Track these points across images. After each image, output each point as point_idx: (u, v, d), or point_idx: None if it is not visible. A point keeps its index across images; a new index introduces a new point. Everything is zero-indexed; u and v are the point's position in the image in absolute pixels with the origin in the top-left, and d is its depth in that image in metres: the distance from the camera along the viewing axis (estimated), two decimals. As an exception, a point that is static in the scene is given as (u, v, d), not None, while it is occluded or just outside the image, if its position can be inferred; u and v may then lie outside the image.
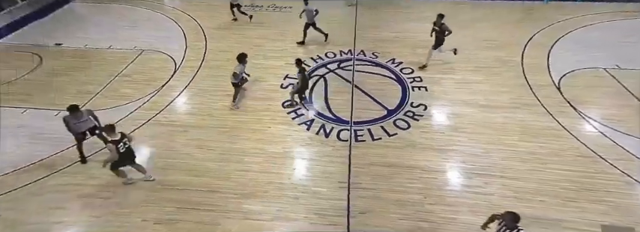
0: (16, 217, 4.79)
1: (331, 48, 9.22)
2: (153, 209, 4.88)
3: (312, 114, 6.89)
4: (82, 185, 5.28)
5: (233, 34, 10.03)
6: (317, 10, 8.94)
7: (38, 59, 8.68)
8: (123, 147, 4.80)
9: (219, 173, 5.51)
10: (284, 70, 8.22)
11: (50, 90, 7.49)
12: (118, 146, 4.73)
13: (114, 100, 7.26)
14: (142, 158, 5.87)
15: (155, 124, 6.63)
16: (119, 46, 9.27)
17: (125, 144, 4.87)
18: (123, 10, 11.47)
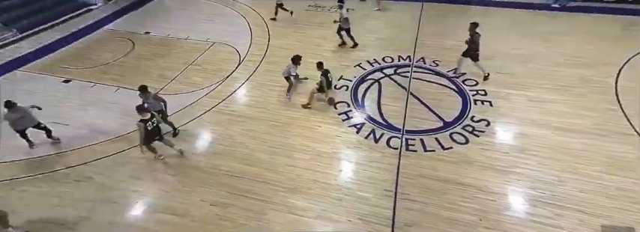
0: (105, 181, 5.51)
1: (389, 52, 8.92)
2: (210, 191, 5.28)
3: (361, 118, 6.78)
4: (154, 162, 5.88)
5: (294, 33, 10.24)
6: (348, 17, 8.82)
7: (131, 45, 9.68)
8: (151, 126, 5.35)
9: (269, 165, 5.75)
10: (340, 71, 8.20)
11: (138, 73, 8.35)
12: (147, 124, 5.28)
13: (186, 86, 7.91)
14: (203, 142, 6.39)
15: (217, 112, 7.09)
16: (195, 37, 9.98)
17: (153, 123, 5.40)
18: (202, 5, 12.27)
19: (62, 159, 5.88)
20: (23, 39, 9.62)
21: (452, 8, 11.40)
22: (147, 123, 5.28)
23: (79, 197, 5.21)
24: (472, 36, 7.14)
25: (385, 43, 9.42)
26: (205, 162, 5.85)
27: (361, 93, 7.47)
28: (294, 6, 11.40)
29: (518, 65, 8.14)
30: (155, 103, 6.02)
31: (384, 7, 11.53)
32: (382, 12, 11.31)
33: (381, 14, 11.14)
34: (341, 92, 7.50)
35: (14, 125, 5.79)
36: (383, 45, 9.29)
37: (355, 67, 8.33)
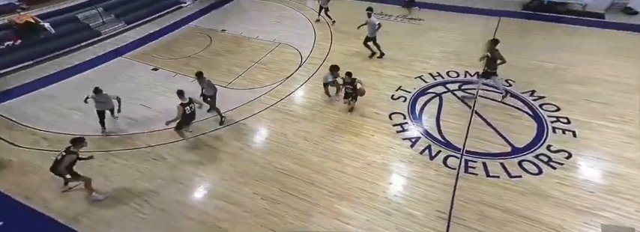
0: (175, 163, 6.03)
1: (455, 67, 8.33)
2: (262, 186, 5.48)
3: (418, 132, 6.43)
4: (217, 150, 6.28)
5: (356, 39, 10.06)
6: (380, 23, 8.34)
7: (209, 40, 10.35)
8: (189, 110, 5.62)
9: (319, 168, 5.77)
10: (398, 81, 7.90)
11: (212, 66, 8.94)
12: (186, 108, 5.55)
13: (249, 83, 8.28)
14: (260, 137, 6.61)
15: (275, 110, 7.30)
16: (263, 37, 10.39)
17: (191, 108, 5.63)
18: (274, 7, 12.67)
19: (146, 138, 6.52)
20: (128, 30, 10.80)
21: (534, 25, 10.29)
22: (185, 107, 5.67)
23: (155, 174, 5.73)
24: (492, 53, 6.55)
25: (451, 56, 8.82)
26: (261, 157, 6.06)
27: (419, 106, 7.09)
28: (360, 13, 11.15)
29: (615, 94, 7.07)
30: (208, 89, 6.51)
31: (416, 16, 11.10)
32: (453, 24, 10.61)
33: (450, 26, 10.49)
34: (398, 103, 7.22)
35: (97, 106, 6.37)
36: (449, 58, 8.71)
37: (416, 79, 7.94)
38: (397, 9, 11.83)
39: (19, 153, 6.10)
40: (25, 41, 9.13)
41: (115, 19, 11.03)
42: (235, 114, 7.17)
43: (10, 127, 6.75)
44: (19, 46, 9.02)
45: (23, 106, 7.39)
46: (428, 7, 11.82)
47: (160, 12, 11.82)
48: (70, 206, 5.11)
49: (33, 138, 6.46)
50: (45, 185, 5.44)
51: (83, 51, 9.70)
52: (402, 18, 11.15)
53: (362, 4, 12.26)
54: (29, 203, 5.12)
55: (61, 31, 9.80)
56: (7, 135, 6.51)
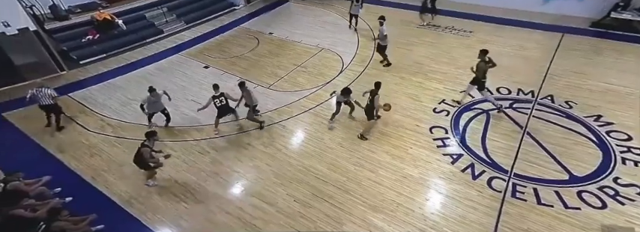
0: (217, 157, 6.34)
1: (506, 83, 7.74)
2: (296, 188, 5.55)
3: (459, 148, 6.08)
4: (255, 149, 6.47)
5: (399, 48, 9.82)
6: (387, 34, 8.26)
7: (257, 42, 10.72)
8: (219, 103, 5.87)
9: (353, 176, 5.70)
10: (441, 94, 7.55)
11: (257, 67, 9.24)
12: (215, 100, 5.82)
13: (291, 85, 8.44)
14: (297, 140, 6.68)
15: (313, 114, 7.36)
16: (307, 41, 10.54)
17: (221, 101, 5.85)
18: (321, 13, 12.78)
19: (194, 132, 6.92)
20: (186, 29, 11.56)
21: (605, 44, 9.23)
22: (215, 100, 6.05)
23: (199, 167, 6.07)
24: (478, 64, 6.49)
25: (503, 72, 8.14)
26: (297, 159, 6.14)
27: (464, 122, 6.71)
28: (408, 22, 10.93)
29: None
30: (248, 99, 6.56)
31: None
32: (505, 38, 9.91)
33: (501, 40, 9.80)
34: (440, 117, 6.91)
35: (149, 108, 6.55)
36: (499, 74, 8.07)
37: (461, 93, 7.51)
38: (445, 19, 11.31)
39: (89, 137, 6.82)
40: (102, 36, 10.18)
41: (176, 18, 11.89)
42: (275, 115, 7.36)
43: (83, 112, 7.57)
44: (96, 41, 10.08)
45: (96, 94, 8.24)
46: (476, 19, 11.18)
47: (215, 13, 12.53)
48: (127, 190, 5.59)
49: (100, 124, 7.18)
50: (108, 168, 6.02)
51: (147, 47, 10.57)
52: (449, 29, 10.67)
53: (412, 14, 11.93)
54: (94, 183, 5.70)
55: (131, 28, 10.78)
56: (82, 120, 7.30)
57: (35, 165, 5.91)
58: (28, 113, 7.44)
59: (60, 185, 5.45)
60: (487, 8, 11.66)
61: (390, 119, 6.97)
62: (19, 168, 5.29)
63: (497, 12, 11.38)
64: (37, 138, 6.72)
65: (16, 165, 5.54)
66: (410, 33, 10.62)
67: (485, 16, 11.29)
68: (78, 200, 5.30)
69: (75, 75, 9.02)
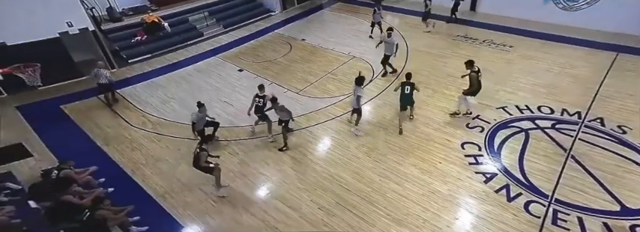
0: (245, 159, 6.48)
1: (549, 102, 7.27)
2: (321, 196, 5.55)
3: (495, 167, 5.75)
4: (282, 153, 6.53)
5: (432, 59, 9.58)
6: (398, 44, 8.25)
7: (289, 48, 10.93)
8: (258, 102, 6.31)
9: (378, 187, 5.60)
10: (475, 109, 7.21)
11: (288, 72, 9.41)
12: (256, 99, 6.28)
13: (320, 92, 8.50)
14: (323, 146, 6.70)
15: (340, 122, 7.34)
16: (339, 49, 10.60)
17: (260, 102, 6.30)
18: (354, 22, 12.83)
19: (225, 133, 7.16)
20: (224, 33, 12.07)
21: None
22: (257, 98, 6.37)
23: (227, 167, 6.27)
24: (469, 74, 6.45)
25: (545, 90, 7.75)
26: (322, 166, 6.15)
27: (499, 140, 6.39)
28: (444, 34, 10.65)
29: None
30: (281, 113, 6.29)
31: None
32: (550, 55, 9.34)
33: (545, 57, 9.25)
34: (473, 133, 6.63)
35: (199, 123, 6.26)
36: (541, 92, 7.66)
37: (498, 109, 7.19)
38: (483, 32, 10.90)
39: (131, 131, 7.28)
40: (149, 37, 10.88)
41: (216, 22, 12.45)
42: (303, 120, 7.43)
43: (127, 108, 8.10)
44: (144, 41, 10.80)
45: (140, 92, 8.81)
46: (517, 33, 10.66)
47: (252, 19, 12.98)
48: (162, 184, 5.89)
49: (142, 120, 7.65)
50: (145, 162, 6.38)
51: (188, 49, 11.15)
52: (488, 42, 10.25)
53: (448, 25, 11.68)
54: (133, 175, 6.06)
55: (175, 30, 11.44)
56: (126, 115, 7.82)
57: (84, 154, 6.39)
58: (83, 106, 8.13)
59: (104, 176, 5.85)
60: (529, 22, 11.11)
61: (419, 131, 6.79)
62: (71, 156, 5.75)
63: (542, 27, 10.79)
64: (87, 129, 7.30)
65: (68, 154, 6.04)
66: (444, 45, 10.36)
67: (527, 30, 10.76)
68: (118, 190, 5.66)
69: (123, 73, 9.71)
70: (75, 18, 8.67)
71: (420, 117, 7.20)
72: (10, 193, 4.87)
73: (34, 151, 6.32)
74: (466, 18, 12.15)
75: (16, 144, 6.37)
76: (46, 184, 5.15)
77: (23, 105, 8.06)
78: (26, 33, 7.99)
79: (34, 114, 7.76)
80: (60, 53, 8.67)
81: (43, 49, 8.19)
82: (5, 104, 8.08)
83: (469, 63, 6.59)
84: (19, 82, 7.47)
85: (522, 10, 11.39)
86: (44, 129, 7.18)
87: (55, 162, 5.85)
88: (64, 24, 8.59)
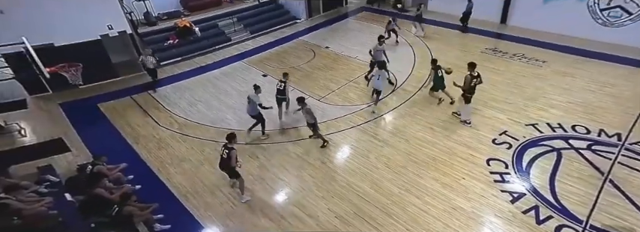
0: (265, 163, 6.59)
1: (586, 122, 6.89)
2: (337, 204, 5.53)
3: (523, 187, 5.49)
4: (301, 159, 6.60)
5: (459, 71, 9.26)
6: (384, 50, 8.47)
7: (313, 55, 11.08)
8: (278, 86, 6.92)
9: (398, 199, 5.51)
10: (504, 125, 7.00)
11: (310, 79, 9.52)
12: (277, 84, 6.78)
13: (341, 100, 8.54)
14: (342, 155, 6.68)
15: (361, 131, 7.32)
16: (361, 57, 10.62)
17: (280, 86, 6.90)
18: (379, 31, 12.78)
19: (246, 136, 7.27)
20: (251, 39, 12.43)
21: None
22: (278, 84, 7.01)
23: (248, 170, 6.39)
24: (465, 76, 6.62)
25: (581, 109, 7.36)
26: (340, 174, 6.15)
27: (528, 158, 6.12)
28: (472, 47, 10.49)
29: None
30: (307, 116, 6.43)
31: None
32: (586, 71, 8.87)
33: (581, 73, 8.82)
34: (500, 149, 6.40)
35: (250, 109, 6.64)
36: (577, 110, 7.28)
37: (527, 126, 6.91)
38: (513, 46, 10.58)
39: (159, 131, 7.62)
40: (180, 41, 11.40)
41: (243, 28, 12.87)
42: (323, 127, 7.43)
43: (157, 108, 8.49)
44: (175, 45, 11.33)
45: (169, 93, 9.22)
46: (551, 48, 10.23)
47: (278, 26, 13.32)
48: (185, 184, 6.09)
49: (170, 120, 7.98)
50: (171, 162, 6.64)
51: (215, 53, 11.57)
52: (518, 56, 9.91)
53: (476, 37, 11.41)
54: (159, 174, 6.32)
55: (204, 35, 11.92)
56: (155, 115, 8.20)
57: (115, 151, 6.74)
58: (117, 105, 8.62)
59: (132, 173, 6.14)
60: (564, 37, 10.66)
61: (441, 144, 6.65)
62: (104, 152, 6.08)
63: (578, 42, 10.33)
64: (119, 127, 7.71)
65: (101, 150, 6.41)
66: (471, 57, 9.97)
67: (561, 45, 10.34)
68: (144, 188, 5.91)
69: (155, 74, 10.20)
70: (115, 21, 9.26)
71: (444, 130, 7.05)
72: (50, 185, 5.21)
73: (72, 146, 6.75)
74: (496, 31, 11.88)
75: (57, 139, 6.84)
76: (81, 178, 5.48)
77: (65, 102, 8.66)
78: (72, 35, 8.63)
79: (73, 111, 8.32)
80: (100, 54, 9.27)
81: (85, 50, 8.79)
82: (50, 100, 8.72)
83: (471, 65, 6.72)
84: (63, 81, 8.04)
85: (556, 25, 10.95)
86: (82, 126, 7.67)
87: (90, 157, 6.21)
88: (105, 27, 9.18)
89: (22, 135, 6.95)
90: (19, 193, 4.75)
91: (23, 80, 8.49)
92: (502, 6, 12.04)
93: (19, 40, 6.14)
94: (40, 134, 7.15)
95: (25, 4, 7.81)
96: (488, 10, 12.25)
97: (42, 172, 5.53)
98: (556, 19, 10.88)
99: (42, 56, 7.20)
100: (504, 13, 12.16)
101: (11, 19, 7.68)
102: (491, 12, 12.27)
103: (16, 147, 6.52)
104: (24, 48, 5.95)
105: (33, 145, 6.62)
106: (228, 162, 5.20)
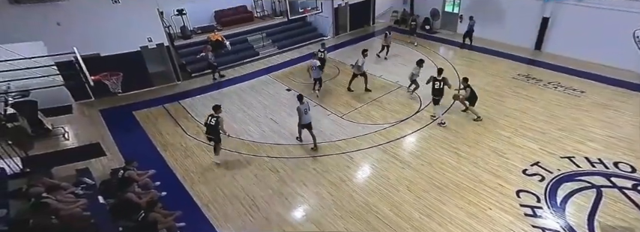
0: (284, 177, 6.73)
1: (631, 159, 6.49)
2: (355, 224, 5.54)
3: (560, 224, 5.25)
4: (320, 176, 6.66)
5: (490, 98, 9.19)
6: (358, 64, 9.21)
7: (337, 71, 11.39)
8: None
9: (419, 225, 5.43)
10: (536, 155, 6.78)
11: (333, 96, 9.77)
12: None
13: (363, 118, 8.65)
14: (362, 174, 6.72)
15: (381, 150, 7.36)
16: (387, 77, 10.81)
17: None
18: (405, 52, 12.99)
19: (268, 149, 7.58)
20: (278, 54, 12.98)
21: None
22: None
23: (267, 183, 6.57)
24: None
25: (625, 145, 6.96)
26: (360, 194, 6.18)
27: (563, 193, 5.87)
28: (503, 72, 10.39)
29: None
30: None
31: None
32: (622, 103, 8.51)
33: (624, 106, 8.42)
34: (531, 181, 6.19)
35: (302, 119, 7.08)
36: (619, 146, 6.92)
37: (563, 159, 6.65)
38: (548, 74, 10.31)
39: (186, 140, 8.05)
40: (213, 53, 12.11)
41: (272, 43, 13.52)
42: (344, 144, 7.59)
43: (186, 118, 9.00)
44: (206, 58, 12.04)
45: (197, 104, 9.77)
46: (590, 78, 9.89)
47: (305, 42, 13.88)
48: (206, 193, 6.36)
49: (197, 130, 8.42)
50: (195, 170, 6.97)
51: (243, 66, 12.18)
52: (554, 85, 9.61)
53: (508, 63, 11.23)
54: (183, 182, 6.64)
55: (234, 49, 12.63)
56: (184, 124, 8.69)
57: (146, 157, 7.18)
58: (150, 113, 9.24)
59: (159, 180, 6.50)
60: (604, 67, 10.28)
61: (466, 169, 6.54)
62: (135, 158, 6.50)
63: (620, 73, 9.93)
64: (151, 135, 8.24)
65: (133, 155, 6.86)
66: (501, 82, 10.01)
67: (600, 75, 10.00)
68: (169, 195, 6.22)
69: (186, 85, 10.89)
70: (155, 34, 10.08)
71: (470, 156, 6.95)
72: (86, 187, 5.64)
73: (108, 151, 7.28)
74: (530, 57, 11.69)
75: (95, 143, 7.41)
76: (113, 182, 5.88)
77: (104, 109, 9.41)
78: (116, 46, 9.47)
79: (111, 117, 9.01)
80: (139, 64, 10.06)
81: (126, 60, 9.58)
82: (92, 107, 9.51)
83: (464, 80, 7.85)
84: (104, 88, 8.75)
85: (597, 54, 10.56)
86: (117, 132, 8.27)
87: (122, 161, 6.66)
88: (146, 39, 10.01)
89: (65, 138, 7.60)
90: (59, 193, 5.16)
91: (71, 87, 9.34)
92: (537, 32, 11.86)
93: (70, 49, 6.82)
94: (80, 138, 7.78)
95: (80, 17, 8.73)
96: (522, 35, 12.17)
97: (80, 174, 5.99)
98: (597, 48, 10.50)
99: (88, 65, 7.91)
100: (539, 39, 11.96)
101: (66, 30, 8.55)
102: (525, 37, 12.14)
103: (59, 150, 7.12)
104: (74, 57, 6.57)
105: (74, 148, 7.20)
106: (215, 127, 6.47)
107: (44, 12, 8.13)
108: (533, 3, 11.52)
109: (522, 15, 11.97)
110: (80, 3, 8.52)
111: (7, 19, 7.82)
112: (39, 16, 8.11)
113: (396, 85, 10.19)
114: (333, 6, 13.81)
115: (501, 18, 12.61)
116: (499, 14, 12.60)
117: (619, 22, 9.84)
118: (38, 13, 8.07)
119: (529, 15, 11.74)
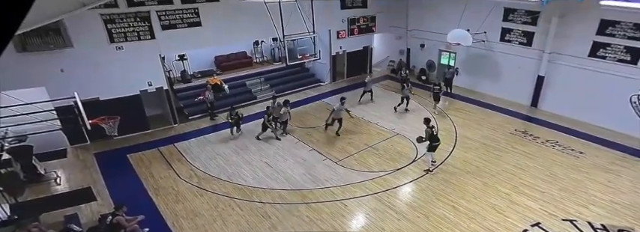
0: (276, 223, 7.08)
1: (637, 228, 6.70)
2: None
3: None
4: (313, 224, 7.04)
5: (486, 151, 9.80)
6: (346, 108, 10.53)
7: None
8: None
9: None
10: (536, 215, 7.10)
11: (328, 141, 10.58)
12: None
13: (358, 164, 9.28)
14: (357, 223, 7.10)
15: (377, 199, 7.83)
16: (383, 124, 11.65)
17: None
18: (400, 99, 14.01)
19: (261, 194, 8.08)
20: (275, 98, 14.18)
21: None
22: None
23: (257, 230, 6.87)
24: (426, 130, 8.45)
25: (630, 212, 7.19)
26: (353, 245, 6.49)
27: None
28: (500, 127, 11.07)
29: None
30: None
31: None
32: (623, 168, 8.83)
33: (626, 171, 8.68)
34: None
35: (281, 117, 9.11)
36: (623, 213, 7.16)
37: (564, 221, 6.94)
38: (545, 131, 10.85)
39: (178, 183, 8.59)
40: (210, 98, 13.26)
41: (269, 88, 14.86)
42: (338, 191, 8.09)
43: (180, 161, 9.65)
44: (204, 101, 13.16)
45: (192, 147, 10.52)
46: (589, 139, 10.18)
47: (302, 87, 15.27)
48: (198, 241, 6.71)
49: (190, 173, 9.02)
50: (185, 216, 7.39)
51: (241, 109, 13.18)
52: (552, 143, 10.14)
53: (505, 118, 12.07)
54: (173, 227, 7.03)
55: (232, 92, 13.85)
56: (177, 167, 9.31)
57: (136, 201, 7.64)
58: (144, 156, 9.92)
59: (148, 225, 6.89)
60: (602, 130, 10.60)
61: (464, 225, 6.85)
62: (125, 202, 6.95)
63: (620, 138, 10.14)
64: (143, 178, 8.81)
65: (123, 199, 7.34)
66: (499, 137, 10.57)
67: (600, 138, 10.28)
68: (157, 241, 6.56)
69: (182, 128, 11.79)
70: (155, 78, 11.17)
71: (467, 211, 7.28)
72: (73, 234, 6.03)
73: (98, 195, 7.78)
74: (526, 113, 12.26)
75: (86, 188, 7.93)
76: (101, 228, 6.28)
77: (99, 152, 10.09)
78: (116, 90, 10.36)
79: (105, 160, 9.63)
80: (136, 108, 11.02)
81: (125, 103, 10.52)
82: (87, 151, 10.17)
83: (426, 120, 8.72)
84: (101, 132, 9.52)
85: (595, 116, 10.88)
86: (110, 175, 8.85)
87: (113, 206, 7.10)
88: (146, 83, 11.11)
89: (57, 183, 8.12)
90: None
91: (67, 131, 10.06)
92: (533, 89, 12.41)
93: (71, 94, 7.49)
94: (72, 182, 8.29)
95: (83, 63, 9.50)
96: (518, 91, 12.75)
97: (67, 221, 6.39)
98: (594, 109, 10.87)
99: (87, 109, 8.66)
100: (535, 97, 12.53)
101: (68, 76, 9.35)
102: (521, 94, 12.73)
103: (50, 195, 7.58)
104: (74, 102, 7.25)
105: (64, 193, 7.67)
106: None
107: (49, 59, 8.80)
108: (527, 60, 12.25)
109: (518, 71, 12.60)
110: (85, 49, 9.21)
111: (14, 66, 8.32)
112: (44, 63, 8.90)
113: (393, 133, 11.02)
114: (331, 53, 15.55)
115: (497, 73, 13.42)
116: (494, 69, 13.47)
117: (615, 86, 10.24)
118: (43, 60, 8.74)
119: (524, 72, 12.40)
